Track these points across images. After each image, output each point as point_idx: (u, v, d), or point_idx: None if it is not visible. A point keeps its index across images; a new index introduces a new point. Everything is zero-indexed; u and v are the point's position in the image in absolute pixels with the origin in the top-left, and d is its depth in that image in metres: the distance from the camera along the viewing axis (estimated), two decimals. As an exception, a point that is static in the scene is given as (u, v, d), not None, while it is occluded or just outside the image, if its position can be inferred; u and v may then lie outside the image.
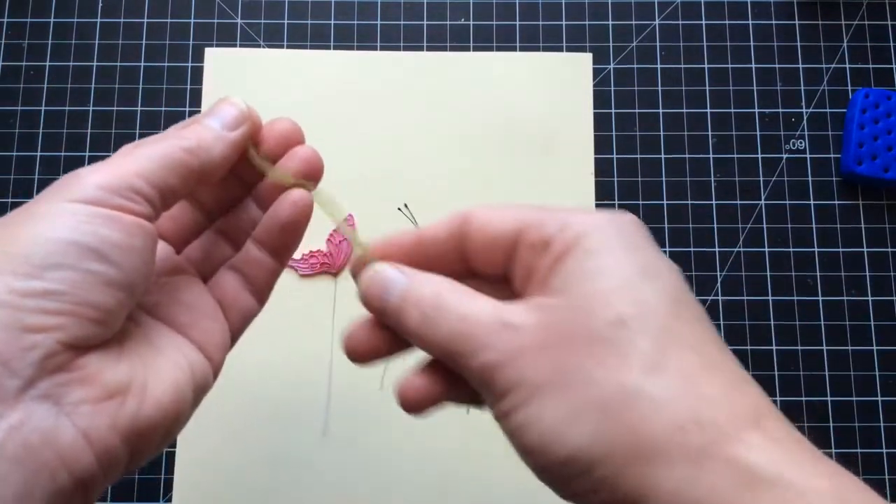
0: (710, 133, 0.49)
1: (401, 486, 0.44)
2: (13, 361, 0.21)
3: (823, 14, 0.51)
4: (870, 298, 0.47)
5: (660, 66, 0.50)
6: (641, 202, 0.48)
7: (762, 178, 0.49)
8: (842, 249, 0.48)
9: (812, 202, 0.48)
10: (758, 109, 0.50)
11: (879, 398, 0.46)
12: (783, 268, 0.47)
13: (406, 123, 0.49)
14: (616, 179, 0.49)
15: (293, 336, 0.46)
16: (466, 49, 0.50)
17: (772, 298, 0.47)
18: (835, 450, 0.45)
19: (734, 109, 0.50)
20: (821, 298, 0.47)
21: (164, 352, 0.26)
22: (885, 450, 0.45)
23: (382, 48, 0.50)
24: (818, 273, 0.47)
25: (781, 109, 0.50)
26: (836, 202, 0.48)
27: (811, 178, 0.49)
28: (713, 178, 0.49)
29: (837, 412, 0.45)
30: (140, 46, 0.50)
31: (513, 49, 0.50)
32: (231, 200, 0.30)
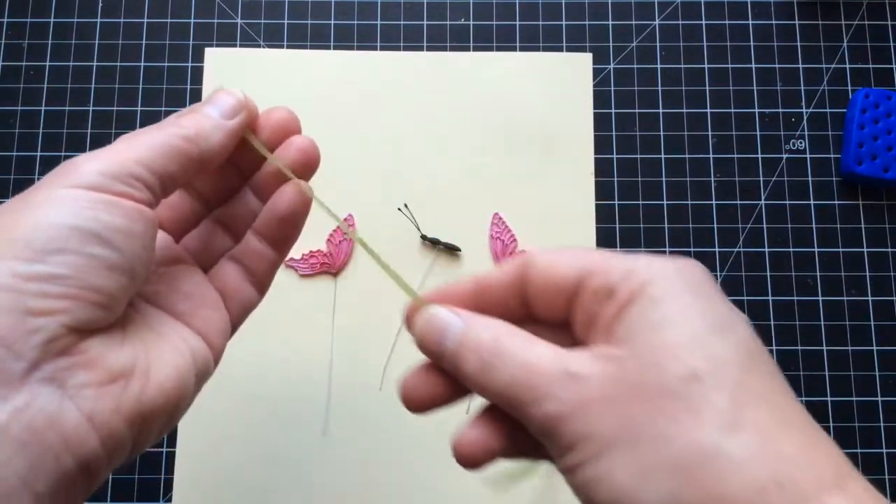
0: (710, 133, 0.49)
1: (400, 486, 0.44)
2: (17, 344, 0.21)
3: (823, 14, 0.51)
4: (870, 298, 0.47)
5: (660, 66, 0.50)
6: (641, 202, 0.48)
7: (762, 178, 0.49)
8: (842, 249, 0.48)
9: (812, 202, 0.48)
10: (758, 109, 0.50)
11: (879, 398, 0.46)
12: (783, 268, 0.47)
13: (406, 123, 0.49)
14: (616, 179, 0.49)
15: (293, 336, 0.46)
16: (466, 49, 0.50)
17: (772, 298, 0.47)
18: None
19: (734, 109, 0.50)
20: (821, 298, 0.47)
21: (166, 337, 0.26)
22: (885, 450, 0.45)
23: (382, 48, 0.50)
24: (818, 273, 0.47)
25: (781, 109, 0.50)
26: (836, 202, 0.48)
27: (811, 178, 0.49)
28: (713, 178, 0.49)
29: (837, 412, 0.45)
30: (140, 46, 0.50)
31: (513, 49, 0.50)
32: (229, 190, 0.31)
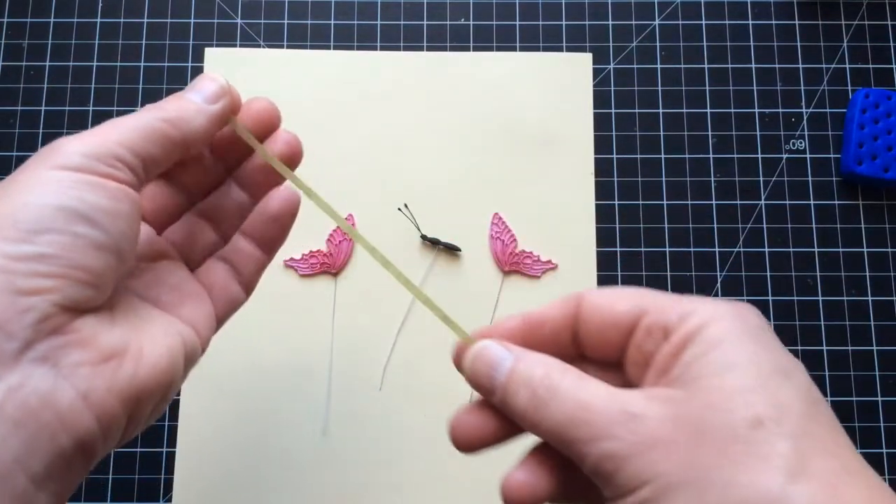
0: (710, 133, 0.49)
1: (400, 486, 0.44)
2: (9, 324, 0.21)
3: (823, 14, 0.51)
4: (870, 298, 0.47)
5: (660, 66, 0.50)
6: (641, 202, 0.48)
7: (762, 178, 0.49)
8: (842, 249, 0.48)
9: (812, 202, 0.48)
10: (758, 109, 0.50)
11: (879, 398, 0.46)
12: (783, 268, 0.47)
13: (406, 123, 0.49)
14: (616, 179, 0.49)
15: (293, 336, 0.46)
16: (466, 49, 0.50)
17: (772, 298, 0.47)
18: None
19: (734, 109, 0.50)
20: (821, 298, 0.47)
21: (156, 322, 0.26)
22: (885, 450, 0.45)
23: (382, 48, 0.50)
24: (818, 273, 0.47)
25: (781, 109, 0.50)
26: (836, 202, 0.48)
27: (811, 178, 0.49)
28: (713, 178, 0.49)
29: (837, 412, 0.45)
30: (140, 46, 0.50)
31: (513, 49, 0.50)
32: (212, 183, 0.31)
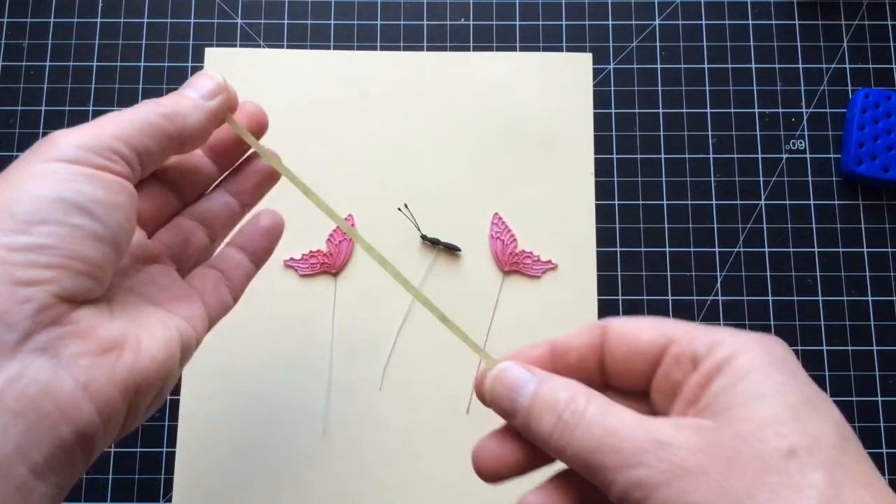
0: (710, 133, 0.49)
1: (400, 487, 0.44)
2: (8, 315, 0.21)
3: (823, 14, 0.51)
4: (870, 298, 0.47)
5: (660, 66, 0.50)
6: (641, 202, 0.48)
7: (762, 178, 0.49)
8: (842, 249, 0.48)
9: (812, 202, 0.48)
10: (758, 109, 0.50)
11: (879, 398, 0.46)
12: (783, 268, 0.47)
13: (406, 123, 0.49)
14: (616, 179, 0.49)
15: (293, 336, 0.46)
16: (466, 49, 0.50)
17: (772, 298, 0.47)
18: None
19: (734, 109, 0.50)
20: (821, 298, 0.47)
21: (152, 315, 0.26)
22: (885, 450, 0.45)
23: (382, 48, 0.50)
24: (818, 273, 0.47)
25: (781, 109, 0.50)
26: (836, 202, 0.48)
27: (811, 178, 0.49)
28: (713, 178, 0.49)
29: (837, 412, 0.45)
30: (140, 46, 0.50)
31: (513, 49, 0.50)
32: (203, 186, 0.31)
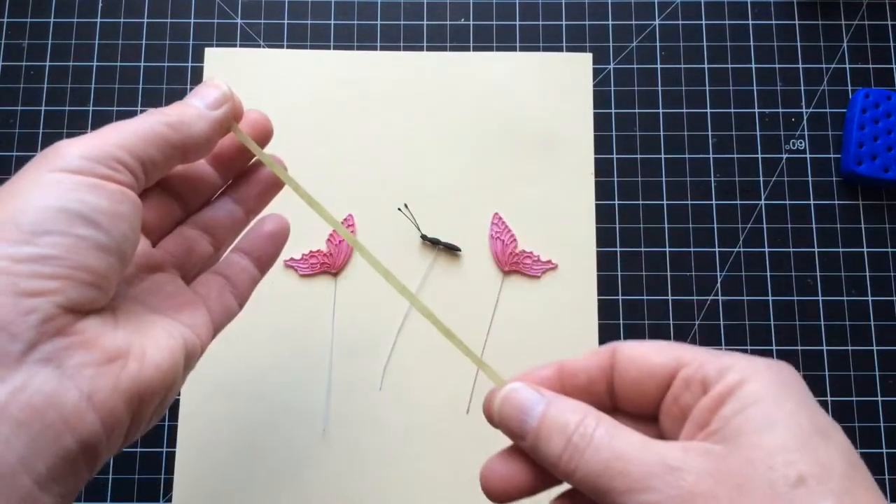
0: (710, 133, 0.49)
1: (400, 487, 0.44)
2: (13, 325, 0.21)
3: (823, 14, 0.51)
4: (870, 298, 0.47)
5: (660, 66, 0.50)
6: (641, 202, 0.48)
7: (762, 178, 0.49)
8: (842, 249, 0.48)
9: (812, 202, 0.48)
10: (758, 109, 0.50)
11: (879, 398, 0.46)
12: (783, 268, 0.47)
13: (406, 123, 0.49)
14: (616, 179, 0.49)
15: (293, 336, 0.46)
16: (466, 49, 0.50)
17: (772, 298, 0.47)
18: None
19: (734, 109, 0.50)
20: (821, 298, 0.47)
21: (156, 324, 0.26)
22: (885, 450, 0.45)
23: (382, 48, 0.50)
24: (818, 273, 0.47)
25: (781, 109, 0.50)
26: (836, 202, 0.48)
27: (811, 178, 0.49)
28: (713, 178, 0.49)
29: (837, 412, 0.45)
30: (140, 46, 0.50)
31: (513, 49, 0.50)
32: (208, 194, 0.31)
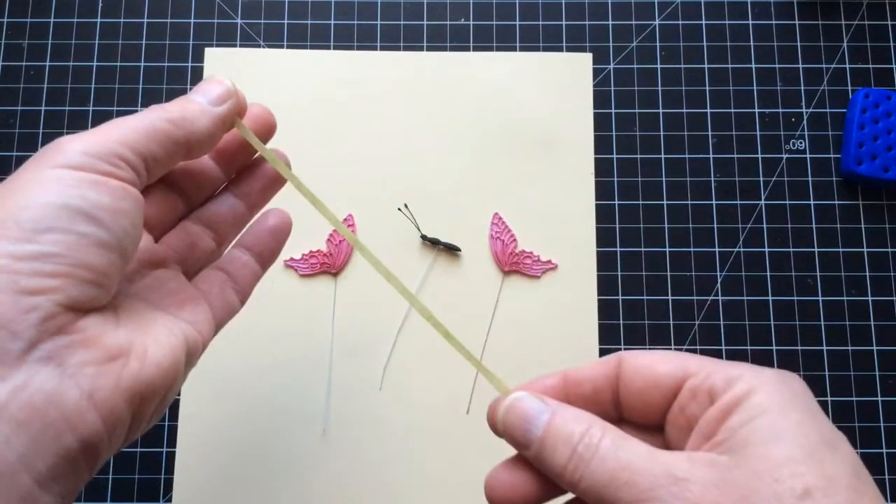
0: (710, 133, 0.49)
1: (400, 487, 0.44)
2: (13, 324, 0.21)
3: (823, 14, 0.51)
4: (870, 298, 0.47)
5: (660, 66, 0.50)
6: (641, 202, 0.48)
7: (762, 178, 0.49)
8: (842, 249, 0.48)
9: (812, 202, 0.48)
10: (758, 109, 0.50)
11: (879, 398, 0.46)
12: (783, 268, 0.47)
13: (406, 123, 0.49)
14: (616, 179, 0.49)
15: (293, 336, 0.46)
16: (466, 49, 0.50)
17: (772, 298, 0.47)
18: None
19: (734, 109, 0.50)
20: (821, 298, 0.47)
21: (158, 322, 0.26)
22: (885, 450, 0.45)
23: (382, 48, 0.50)
24: (818, 273, 0.47)
25: (781, 109, 0.50)
26: (836, 202, 0.48)
27: (811, 178, 0.49)
28: (713, 178, 0.49)
29: (837, 412, 0.45)
30: (140, 46, 0.50)
31: (513, 49, 0.50)
32: (210, 190, 0.31)
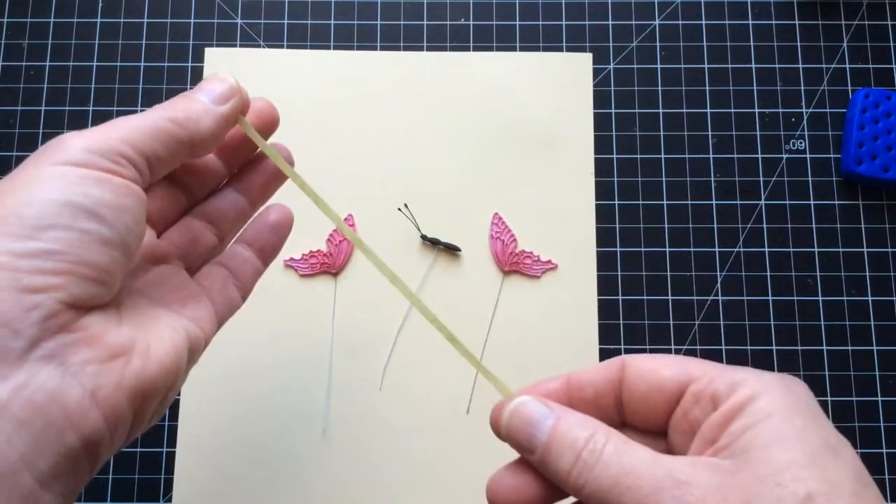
0: (710, 133, 0.49)
1: (400, 487, 0.44)
2: (15, 322, 0.21)
3: (823, 14, 0.51)
4: (870, 298, 0.47)
5: (660, 66, 0.50)
6: (641, 202, 0.48)
7: (762, 178, 0.49)
8: (842, 249, 0.48)
9: (812, 202, 0.48)
10: (758, 109, 0.50)
11: (879, 398, 0.46)
12: (783, 268, 0.47)
13: (406, 123, 0.49)
14: (616, 179, 0.49)
15: (293, 336, 0.46)
16: (466, 49, 0.50)
17: (772, 298, 0.47)
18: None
19: (734, 109, 0.50)
20: (821, 298, 0.47)
21: (160, 319, 0.26)
22: (885, 450, 0.45)
23: (382, 48, 0.50)
24: (818, 273, 0.47)
25: (781, 109, 0.50)
26: (836, 202, 0.48)
27: (811, 178, 0.49)
28: (713, 178, 0.49)
29: (837, 412, 0.45)
30: (140, 46, 0.50)
31: (513, 49, 0.50)
32: (213, 185, 0.31)
